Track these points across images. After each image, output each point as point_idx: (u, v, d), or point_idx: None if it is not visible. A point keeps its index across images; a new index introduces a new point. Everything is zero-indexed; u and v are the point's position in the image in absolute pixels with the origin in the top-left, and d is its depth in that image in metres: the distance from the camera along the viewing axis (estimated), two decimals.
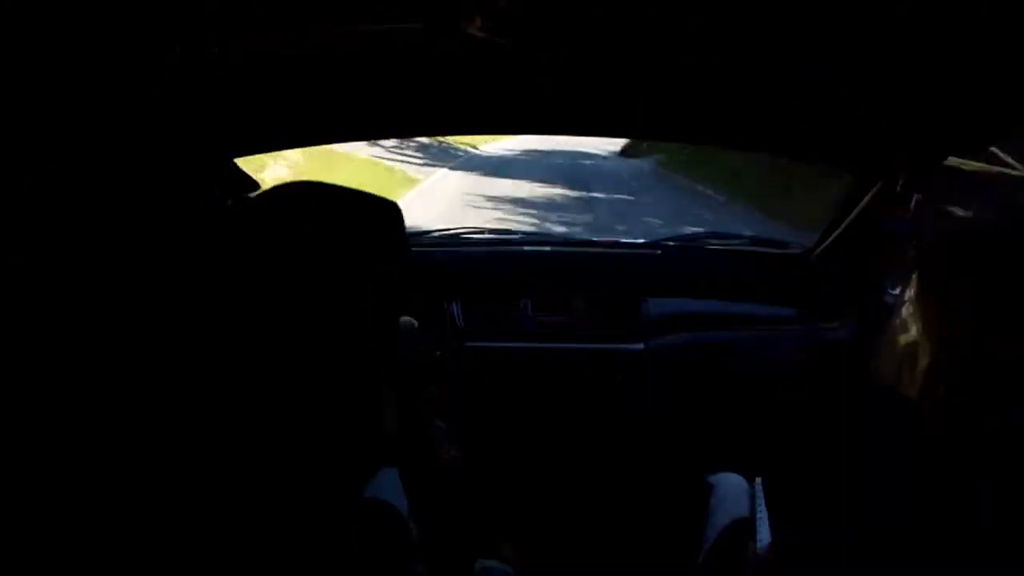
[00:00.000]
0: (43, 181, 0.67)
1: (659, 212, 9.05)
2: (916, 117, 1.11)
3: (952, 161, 0.72)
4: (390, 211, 0.58)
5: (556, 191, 10.45)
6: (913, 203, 1.34)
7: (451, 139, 14.90)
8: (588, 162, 14.93)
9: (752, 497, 1.29)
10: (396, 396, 1.09)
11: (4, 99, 0.66)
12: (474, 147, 16.53)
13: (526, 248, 1.98)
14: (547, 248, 1.99)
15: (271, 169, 6.94)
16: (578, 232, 6.92)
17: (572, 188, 10.71)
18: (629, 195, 10.71)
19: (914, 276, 0.59)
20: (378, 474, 0.99)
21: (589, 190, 10.71)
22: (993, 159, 0.65)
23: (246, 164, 1.37)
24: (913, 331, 0.57)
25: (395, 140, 11.36)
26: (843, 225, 1.69)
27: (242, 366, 0.44)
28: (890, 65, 0.94)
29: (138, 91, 0.78)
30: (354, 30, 0.97)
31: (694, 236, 2.13)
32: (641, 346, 1.57)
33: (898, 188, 1.34)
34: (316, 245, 0.49)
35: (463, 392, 1.52)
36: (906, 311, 0.58)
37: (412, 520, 1.01)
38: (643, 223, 8.17)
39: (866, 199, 1.56)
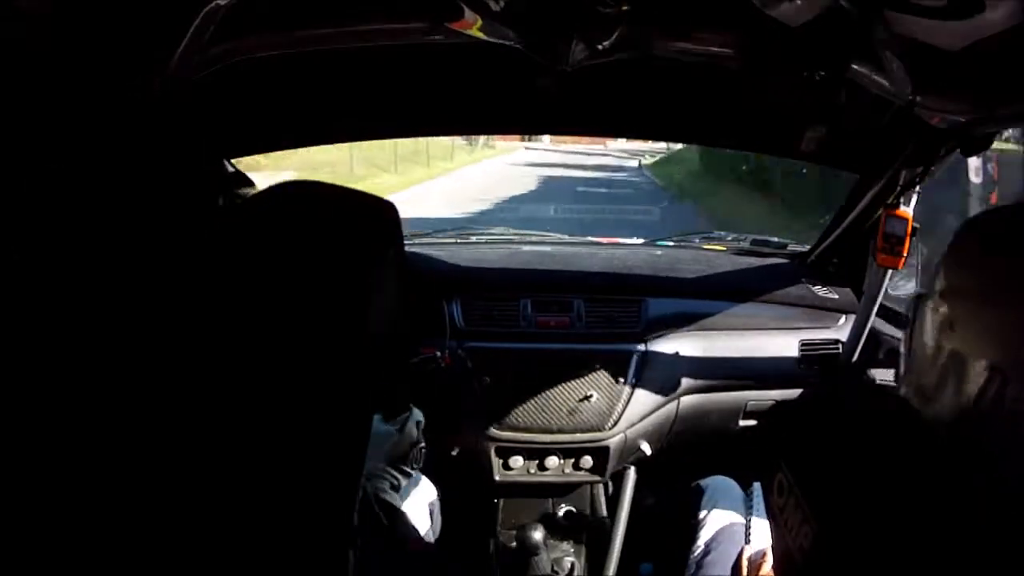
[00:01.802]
0: (43, 181, 0.67)
1: None
2: (916, 117, 1.11)
3: None
4: (386, 210, 0.57)
5: None
6: (913, 203, 1.34)
7: None
8: None
9: (745, 501, 1.29)
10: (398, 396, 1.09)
11: (3, 99, 0.66)
12: None
13: (526, 248, 1.97)
14: (547, 248, 1.98)
15: None
16: None
17: None
18: None
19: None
20: (408, 480, 0.99)
21: None
22: None
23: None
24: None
25: None
26: (843, 225, 1.68)
27: (237, 368, 0.44)
28: (890, 65, 0.94)
29: (136, 90, 0.78)
30: (353, 30, 0.97)
31: (694, 236, 2.13)
32: (641, 347, 1.57)
33: (898, 188, 1.34)
34: (312, 246, 0.49)
35: (463, 392, 1.51)
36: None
37: (414, 525, 1.01)
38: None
39: (866, 199, 1.55)
